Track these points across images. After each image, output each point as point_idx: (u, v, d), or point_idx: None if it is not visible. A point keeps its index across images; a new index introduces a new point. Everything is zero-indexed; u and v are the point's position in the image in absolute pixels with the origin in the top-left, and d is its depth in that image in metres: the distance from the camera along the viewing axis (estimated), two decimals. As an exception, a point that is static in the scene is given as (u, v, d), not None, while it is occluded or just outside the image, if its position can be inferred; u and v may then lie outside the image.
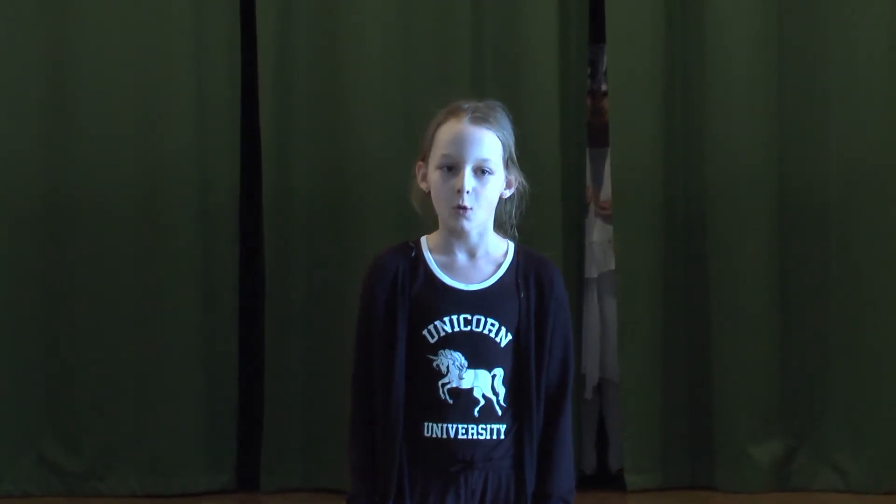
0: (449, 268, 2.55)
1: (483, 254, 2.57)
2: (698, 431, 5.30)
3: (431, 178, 2.54)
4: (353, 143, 5.21)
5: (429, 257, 2.55)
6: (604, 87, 5.49)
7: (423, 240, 2.60)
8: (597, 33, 5.40)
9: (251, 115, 5.35)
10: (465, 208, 2.49)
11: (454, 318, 2.52)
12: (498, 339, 2.53)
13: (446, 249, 2.56)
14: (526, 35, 5.25)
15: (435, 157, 2.53)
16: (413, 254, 2.56)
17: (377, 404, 2.51)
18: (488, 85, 5.21)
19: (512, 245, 2.61)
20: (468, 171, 2.49)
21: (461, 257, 2.56)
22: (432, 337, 2.52)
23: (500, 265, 2.57)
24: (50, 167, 5.31)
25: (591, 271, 5.57)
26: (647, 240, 5.28)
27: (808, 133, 5.25)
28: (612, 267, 5.46)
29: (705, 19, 5.24)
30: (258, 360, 5.40)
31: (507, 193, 2.59)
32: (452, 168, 2.49)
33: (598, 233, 5.61)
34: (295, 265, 5.30)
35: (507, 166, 2.58)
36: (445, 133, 2.53)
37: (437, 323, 2.51)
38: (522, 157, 5.13)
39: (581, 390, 5.48)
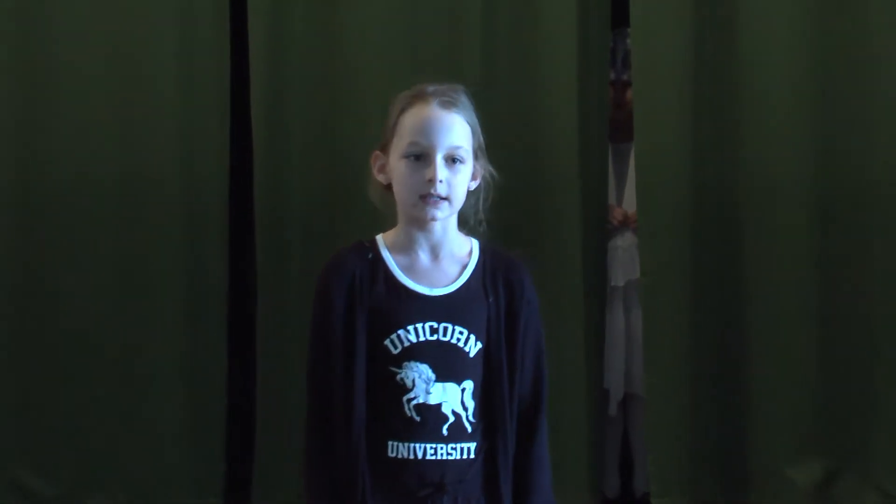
0: (411, 270, 2.45)
1: (447, 254, 2.48)
2: (731, 451, 5.15)
3: (396, 168, 2.44)
4: (352, 140, 5.05)
5: (388, 258, 2.45)
6: (625, 77, 5.33)
7: (380, 239, 2.49)
8: (617, 17, 5.24)
9: (242, 111, 5.23)
10: (438, 198, 2.39)
11: (419, 326, 2.41)
12: (467, 349, 2.43)
13: (406, 249, 2.46)
14: (542, 20, 5.09)
15: (399, 145, 2.42)
16: (370, 255, 2.45)
17: (336, 423, 2.39)
18: (500, 76, 5.07)
19: (476, 243, 2.52)
20: (440, 160, 2.39)
21: (423, 258, 2.47)
22: (395, 347, 2.41)
23: (465, 266, 2.48)
24: (22, 167, 5.14)
25: (618, 279, 5.43)
26: (676, 243, 5.10)
27: (853, 127, 5.05)
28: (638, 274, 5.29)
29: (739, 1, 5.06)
30: (249, 373, 5.27)
31: (473, 185, 2.49)
32: (421, 157, 2.39)
33: (625, 237, 5.46)
34: (289, 271, 5.14)
35: (475, 155, 2.48)
36: (412, 119, 2.43)
37: (400, 332, 2.40)
38: (539, 152, 4.92)
39: (605, 407, 5.37)
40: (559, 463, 4.86)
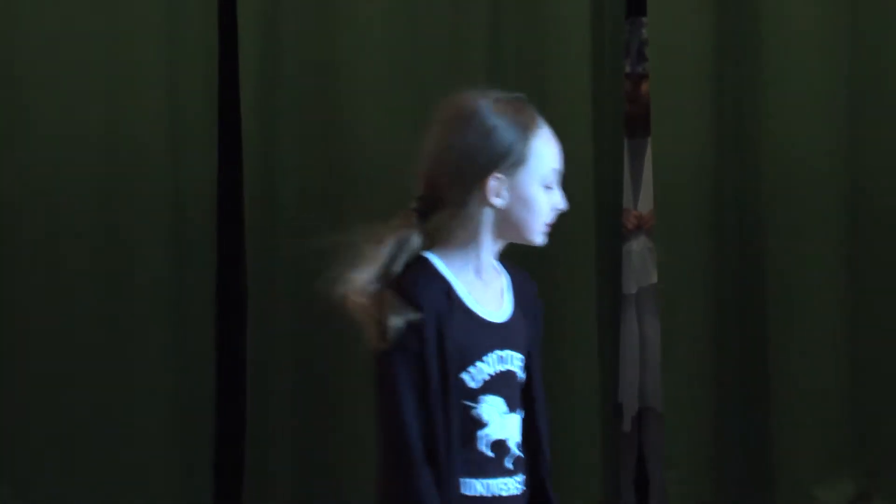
0: (475, 295, 2.40)
1: (489, 274, 2.44)
2: (755, 469, 5.03)
3: (529, 194, 2.40)
4: (349, 147, 5.03)
5: (455, 284, 2.38)
6: (641, 69, 5.24)
7: (436, 260, 2.40)
8: (631, 5, 5.18)
9: (231, 115, 5.14)
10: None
11: (491, 356, 2.38)
12: (520, 376, 2.43)
13: (462, 270, 2.40)
14: (552, 8, 5.01)
15: (540, 172, 2.41)
16: (442, 283, 2.38)
17: (424, 466, 2.32)
18: (510, 70, 4.99)
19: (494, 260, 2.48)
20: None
21: (476, 280, 2.43)
22: (474, 381, 2.36)
23: (501, 287, 2.46)
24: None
25: (630, 286, 5.30)
26: (696, 247, 5.01)
27: (883, 121, 4.95)
28: (654, 281, 5.20)
29: None
30: (238, 391, 5.19)
31: None
32: (550, 185, 2.43)
33: (639, 241, 5.34)
34: (280, 288, 5.08)
35: None
36: (546, 146, 2.43)
37: (477, 364, 2.36)
38: None
39: (619, 421, 5.27)
40: (572, 479, 4.77)
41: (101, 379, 5.03)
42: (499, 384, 2.38)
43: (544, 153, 2.42)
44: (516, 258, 2.53)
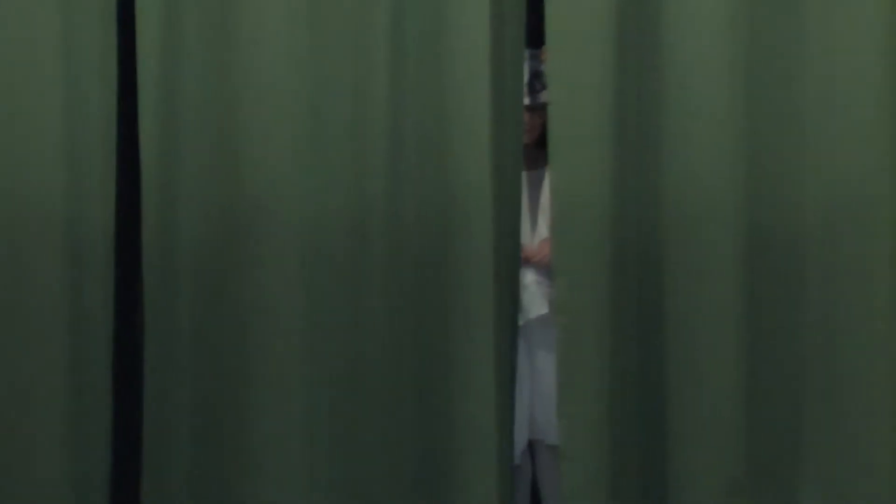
0: None
1: None
2: (652, 498, 5.04)
3: None
4: (249, 173, 4.97)
5: None
6: (536, 101, 5.36)
7: None
8: (531, 36, 5.17)
9: (130, 141, 5.07)
10: None
11: None
12: None
13: None
14: (453, 40, 4.98)
15: None
16: None
17: None
18: (408, 90, 4.97)
19: None
20: None
21: None
22: None
23: None
24: None
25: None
26: (593, 278, 4.96)
27: (781, 158, 4.99)
28: (543, 311, 5.38)
29: (663, 18, 4.97)
30: (134, 428, 5.08)
31: None
32: None
33: (526, 275, 5.44)
34: (178, 315, 5.02)
35: None
36: None
37: None
38: (450, 186, 4.96)
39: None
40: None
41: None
42: None
43: None
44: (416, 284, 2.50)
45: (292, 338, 4.96)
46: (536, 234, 5.39)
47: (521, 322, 5.24)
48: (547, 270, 5.29)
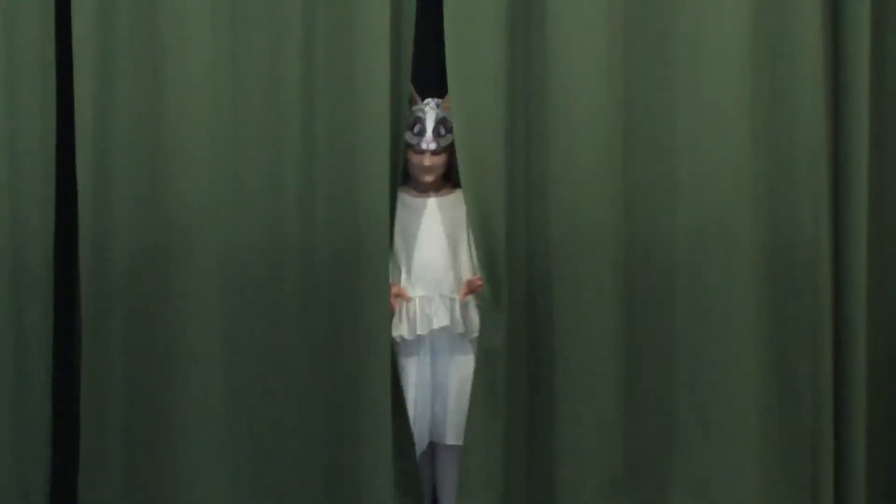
0: None
1: None
2: (541, 495, 5.19)
3: None
4: (174, 202, 5.04)
5: None
6: (444, 143, 5.36)
7: None
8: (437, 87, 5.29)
9: (66, 163, 5.12)
10: None
11: None
12: None
13: None
14: (357, 85, 5.09)
15: None
16: None
17: None
18: (319, 125, 5.07)
19: None
20: None
21: None
22: None
23: None
24: None
25: (423, 327, 5.42)
26: (494, 292, 5.12)
27: (654, 185, 5.13)
28: (445, 323, 5.35)
29: (549, 71, 5.12)
30: (71, 446, 5.17)
31: None
32: None
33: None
34: (113, 335, 5.10)
35: None
36: None
37: None
38: (355, 220, 4.86)
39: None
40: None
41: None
42: None
43: None
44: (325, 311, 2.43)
45: (212, 361, 5.04)
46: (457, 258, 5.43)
47: (425, 332, 5.38)
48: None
